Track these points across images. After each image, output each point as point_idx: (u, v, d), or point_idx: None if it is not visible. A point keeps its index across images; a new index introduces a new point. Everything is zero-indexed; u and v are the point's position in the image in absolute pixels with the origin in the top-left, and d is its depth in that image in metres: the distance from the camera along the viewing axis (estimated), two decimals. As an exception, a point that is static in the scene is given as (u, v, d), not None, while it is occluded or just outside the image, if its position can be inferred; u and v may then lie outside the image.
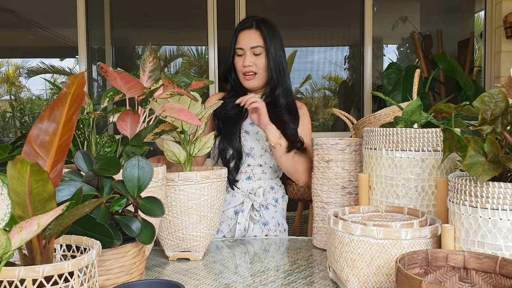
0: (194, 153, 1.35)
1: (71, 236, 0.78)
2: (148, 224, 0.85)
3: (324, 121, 5.33)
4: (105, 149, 1.11)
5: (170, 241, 1.31)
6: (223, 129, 1.68)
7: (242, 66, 1.68)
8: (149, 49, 1.02)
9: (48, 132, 0.72)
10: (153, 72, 1.04)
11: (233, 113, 1.69)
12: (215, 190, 1.31)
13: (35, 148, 0.72)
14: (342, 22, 4.75)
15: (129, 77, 0.96)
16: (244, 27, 1.69)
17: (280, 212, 1.72)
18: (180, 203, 1.27)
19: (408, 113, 1.24)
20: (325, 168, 1.36)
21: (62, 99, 0.73)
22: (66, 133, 0.73)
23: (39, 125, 0.72)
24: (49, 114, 0.72)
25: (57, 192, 0.81)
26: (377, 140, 1.20)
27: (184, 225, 1.29)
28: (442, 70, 2.93)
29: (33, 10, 5.52)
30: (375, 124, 1.59)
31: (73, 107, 0.74)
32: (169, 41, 5.45)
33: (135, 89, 1.00)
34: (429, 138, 1.15)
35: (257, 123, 1.55)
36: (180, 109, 1.04)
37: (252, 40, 1.67)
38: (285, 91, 1.70)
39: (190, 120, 1.06)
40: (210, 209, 1.31)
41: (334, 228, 1.01)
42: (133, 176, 0.86)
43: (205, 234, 1.32)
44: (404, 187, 1.16)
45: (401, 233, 0.94)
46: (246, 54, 1.67)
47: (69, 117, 0.73)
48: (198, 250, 1.32)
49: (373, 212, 1.15)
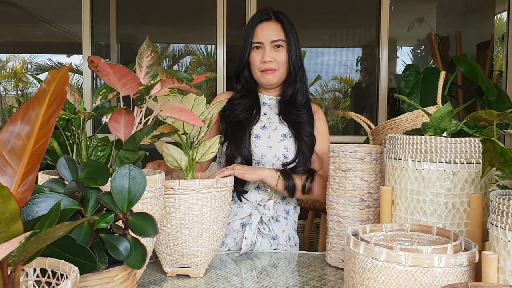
0: (197, 158, 1.22)
1: (46, 259, 0.66)
2: (139, 245, 0.73)
3: (334, 124, 5.19)
4: (98, 153, 0.98)
5: (169, 256, 1.19)
6: (231, 133, 1.53)
7: (261, 62, 1.53)
8: (146, 41, 0.90)
9: (20, 136, 0.60)
10: (151, 68, 0.91)
11: (243, 116, 1.55)
12: (219, 200, 1.19)
13: (3, 155, 0.60)
14: (355, 22, 4.62)
15: (123, 70, 0.84)
16: (262, 19, 1.54)
17: (291, 224, 1.59)
18: (180, 214, 1.14)
19: (436, 120, 1.11)
20: (341, 178, 1.23)
21: (40, 97, 0.60)
22: (42, 137, 0.61)
23: (10, 128, 0.60)
24: (23, 115, 0.60)
25: (33, 206, 0.69)
26: (402, 149, 1.07)
27: (184, 238, 1.16)
28: (462, 73, 2.78)
29: (41, 5, 5.44)
30: (396, 130, 1.46)
31: (52, 107, 0.61)
32: (177, 39, 5.35)
33: (130, 85, 0.87)
34: (462, 148, 1.01)
35: (250, 180, 1.45)
36: (181, 108, 0.92)
37: (272, 34, 1.52)
38: (304, 90, 1.58)
39: (191, 121, 0.93)
40: (213, 221, 1.18)
41: (354, 251, 0.88)
42: (123, 187, 0.74)
43: (207, 249, 1.19)
44: (432, 203, 1.02)
45: (434, 260, 0.81)
46: (265, 48, 1.52)
47: (47, 118, 0.61)
48: (199, 266, 1.19)
49: (397, 230, 1.02)
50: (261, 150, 1.52)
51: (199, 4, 4.40)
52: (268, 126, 1.55)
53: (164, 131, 0.99)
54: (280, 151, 1.51)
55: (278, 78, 1.55)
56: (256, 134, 1.54)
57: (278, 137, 1.53)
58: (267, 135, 1.54)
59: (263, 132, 1.55)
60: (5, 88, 7.49)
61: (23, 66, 7.77)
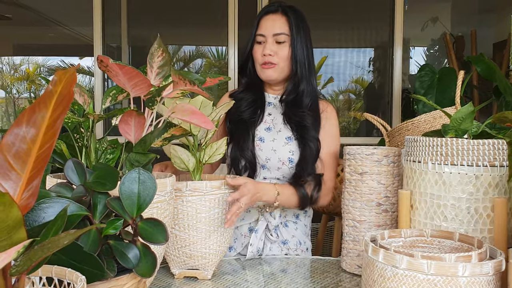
0: (205, 160, 1.19)
1: (52, 267, 0.63)
2: (149, 252, 0.70)
3: (346, 125, 5.13)
4: (107, 155, 0.96)
5: (176, 258, 1.17)
6: (235, 134, 1.47)
7: (261, 55, 1.45)
8: (158, 41, 0.87)
9: (25, 140, 0.57)
10: (162, 68, 0.88)
11: (247, 115, 1.48)
12: (227, 202, 1.17)
13: (8, 159, 0.57)
14: (368, 22, 4.56)
15: (133, 71, 0.81)
16: (268, 11, 1.47)
17: (301, 229, 1.52)
18: (188, 216, 1.12)
19: (457, 121, 1.06)
20: (358, 181, 1.19)
21: (46, 99, 0.58)
22: (47, 141, 0.59)
23: (15, 131, 0.57)
24: (29, 117, 0.57)
25: (39, 212, 0.67)
26: (421, 152, 1.03)
27: (191, 240, 1.14)
28: (479, 73, 2.71)
29: (53, 7, 5.47)
30: (413, 132, 1.41)
31: (58, 109, 0.59)
32: (188, 41, 5.33)
33: (140, 86, 0.85)
34: (485, 150, 0.97)
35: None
36: (193, 111, 0.89)
37: (276, 26, 1.44)
38: (311, 90, 1.47)
39: (203, 123, 0.90)
40: (221, 223, 1.17)
41: (373, 258, 0.84)
42: (132, 192, 0.71)
43: (215, 251, 1.17)
44: (453, 208, 0.98)
45: (458, 269, 0.76)
46: (267, 41, 1.44)
47: (53, 121, 0.58)
48: (207, 268, 1.17)
49: (417, 236, 0.98)
50: (266, 153, 1.46)
51: (210, 5, 4.38)
52: (273, 128, 1.48)
53: (176, 134, 0.96)
54: (285, 155, 1.44)
55: (277, 74, 1.46)
56: (260, 137, 1.47)
57: (283, 139, 1.46)
58: (271, 137, 1.47)
59: (267, 134, 1.48)
60: (18, 91, 7.55)
61: (36, 69, 7.83)
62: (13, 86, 7.55)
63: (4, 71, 7.38)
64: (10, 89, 7.60)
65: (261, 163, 1.46)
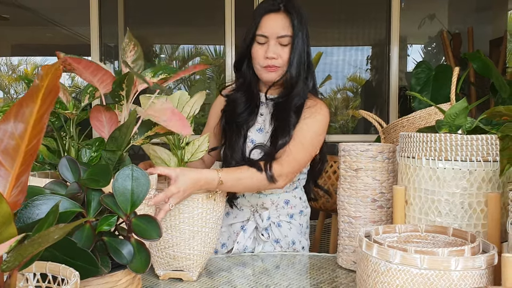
0: (187, 158, 1.16)
1: (46, 263, 0.64)
2: (143, 248, 0.70)
3: (344, 123, 5.14)
4: (92, 154, 0.94)
5: (160, 259, 1.15)
6: (229, 135, 1.44)
7: (264, 58, 1.37)
8: (128, 35, 0.86)
9: (14, 136, 0.57)
10: (135, 63, 0.88)
11: (242, 118, 1.43)
12: (211, 202, 1.14)
13: (-3, 155, 0.57)
14: (365, 20, 4.56)
15: (92, 65, 0.79)
16: (270, 10, 1.38)
17: (296, 228, 1.49)
18: (170, 217, 1.10)
19: (451, 117, 1.07)
20: (353, 177, 1.20)
21: (33, 94, 0.58)
22: (35, 136, 0.58)
23: (3, 127, 0.57)
24: (16, 112, 0.57)
25: (33, 209, 0.67)
26: (415, 148, 1.04)
27: (175, 241, 1.12)
28: (475, 69, 2.72)
29: (50, 7, 5.46)
30: (408, 128, 1.42)
31: (45, 104, 0.59)
32: (186, 40, 5.33)
33: (106, 81, 0.83)
34: (479, 146, 0.97)
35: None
36: (172, 111, 0.87)
37: (279, 28, 1.36)
38: (303, 92, 1.41)
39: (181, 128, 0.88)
40: (205, 223, 1.14)
41: (367, 253, 0.84)
42: (126, 189, 0.71)
43: (199, 252, 1.14)
44: (447, 203, 0.99)
45: (450, 263, 0.77)
46: (269, 43, 1.37)
47: (40, 116, 0.58)
48: (192, 269, 1.15)
49: (411, 231, 0.98)
50: (255, 155, 1.41)
51: (207, 4, 4.38)
52: (264, 129, 1.46)
53: (160, 132, 0.95)
54: None
55: (279, 76, 1.41)
56: (252, 139, 1.45)
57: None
58: (262, 139, 1.44)
59: (259, 136, 1.45)
60: (16, 91, 7.54)
61: (34, 69, 7.82)
62: (11, 87, 7.54)
63: (2, 72, 7.37)
64: (8, 89, 7.59)
65: None
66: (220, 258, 1.34)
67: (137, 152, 4.12)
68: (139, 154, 4.12)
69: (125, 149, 0.92)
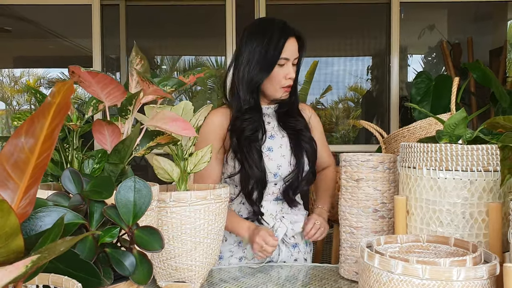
0: (190, 169, 1.16)
1: (49, 275, 0.64)
2: (145, 260, 0.71)
3: (345, 133, 5.14)
4: (94, 165, 0.95)
5: (162, 270, 1.14)
6: (243, 152, 1.45)
7: (286, 78, 1.49)
8: (134, 49, 0.87)
9: (24, 150, 0.58)
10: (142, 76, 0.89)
11: (254, 135, 1.48)
12: (213, 212, 1.13)
13: (7, 169, 0.58)
14: (365, 31, 4.59)
15: (106, 79, 0.80)
16: (289, 35, 1.49)
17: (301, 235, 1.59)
18: (172, 228, 1.10)
19: (451, 127, 1.07)
20: (354, 188, 1.20)
21: (45, 110, 0.59)
22: (45, 150, 0.60)
23: (14, 141, 0.58)
24: (28, 128, 0.58)
25: (36, 220, 0.67)
26: (416, 158, 1.04)
27: (177, 252, 1.11)
28: (475, 79, 2.73)
29: (53, 19, 5.51)
30: (409, 138, 1.42)
31: (56, 120, 0.60)
32: (187, 51, 5.36)
33: (115, 94, 0.84)
34: (479, 156, 0.98)
35: None
36: (174, 118, 0.88)
37: (295, 51, 1.51)
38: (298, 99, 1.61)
39: (184, 130, 0.89)
40: (207, 234, 1.13)
41: (368, 264, 0.84)
42: (128, 200, 0.72)
43: (201, 263, 1.14)
44: (449, 213, 0.99)
45: (452, 273, 0.77)
46: (289, 65, 1.49)
47: (51, 131, 0.59)
48: (194, 281, 1.15)
49: (413, 242, 0.99)
50: (276, 161, 1.48)
51: (208, 16, 4.42)
52: (275, 135, 1.52)
53: (162, 142, 0.96)
54: (292, 158, 1.50)
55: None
56: (268, 147, 1.49)
57: (288, 143, 1.52)
58: (278, 144, 1.51)
59: (273, 142, 1.51)
60: (18, 102, 7.57)
61: (36, 81, 7.86)
62: (13, 98, 7.58)
63: (4, 83, 7.41)
64: (11, 101, 7.62)
65: (273, 172, 1.48)
66: (221, 269, 1.34)
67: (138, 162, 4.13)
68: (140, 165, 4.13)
69: (127, 161, 0.93)
